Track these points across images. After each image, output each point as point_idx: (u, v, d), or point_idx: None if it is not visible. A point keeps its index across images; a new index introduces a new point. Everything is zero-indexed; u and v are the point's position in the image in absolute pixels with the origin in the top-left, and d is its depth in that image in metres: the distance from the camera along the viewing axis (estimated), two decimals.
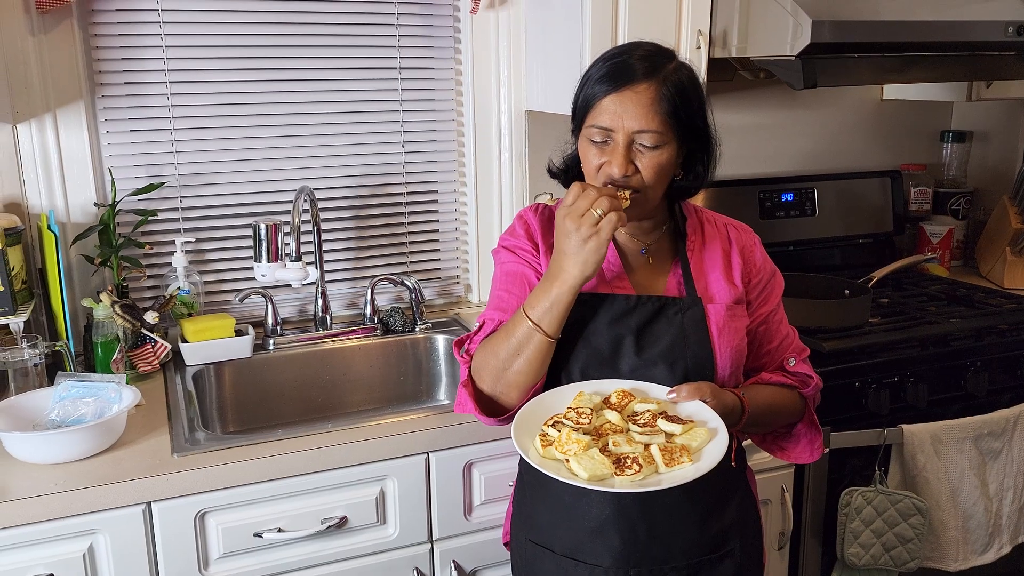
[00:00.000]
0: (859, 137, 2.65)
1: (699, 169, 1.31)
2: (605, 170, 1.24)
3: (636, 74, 1.22)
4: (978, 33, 1.93)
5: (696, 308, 1.31)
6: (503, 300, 1.36)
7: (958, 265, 2.72)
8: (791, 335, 1.44)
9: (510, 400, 1.28)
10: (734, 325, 1.32)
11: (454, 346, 1.39)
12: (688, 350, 1.29)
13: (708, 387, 1.23)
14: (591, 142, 1.26)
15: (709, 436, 1.18)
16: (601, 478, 1.11)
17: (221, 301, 2.06)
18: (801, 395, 1.41)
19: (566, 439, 1.15)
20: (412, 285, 2.10)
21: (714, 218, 1.42)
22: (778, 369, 1.41)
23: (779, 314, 1.42)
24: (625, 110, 1.21)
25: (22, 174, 1.82)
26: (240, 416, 1.91)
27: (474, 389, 1.31)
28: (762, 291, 1.39)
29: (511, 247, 1.38)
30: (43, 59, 1.78)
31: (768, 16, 1.84)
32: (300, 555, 1.51)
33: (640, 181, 1.23)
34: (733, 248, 1.38)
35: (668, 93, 1.21)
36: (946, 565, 1.96)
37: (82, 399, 1.50)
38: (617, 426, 1.19)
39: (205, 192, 1.99)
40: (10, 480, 1.36)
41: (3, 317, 1.64)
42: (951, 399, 2.01)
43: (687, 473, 1.11)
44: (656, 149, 1.22)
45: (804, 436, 1.45)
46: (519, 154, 2.20)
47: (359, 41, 2.05)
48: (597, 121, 1.24)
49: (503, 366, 1.26)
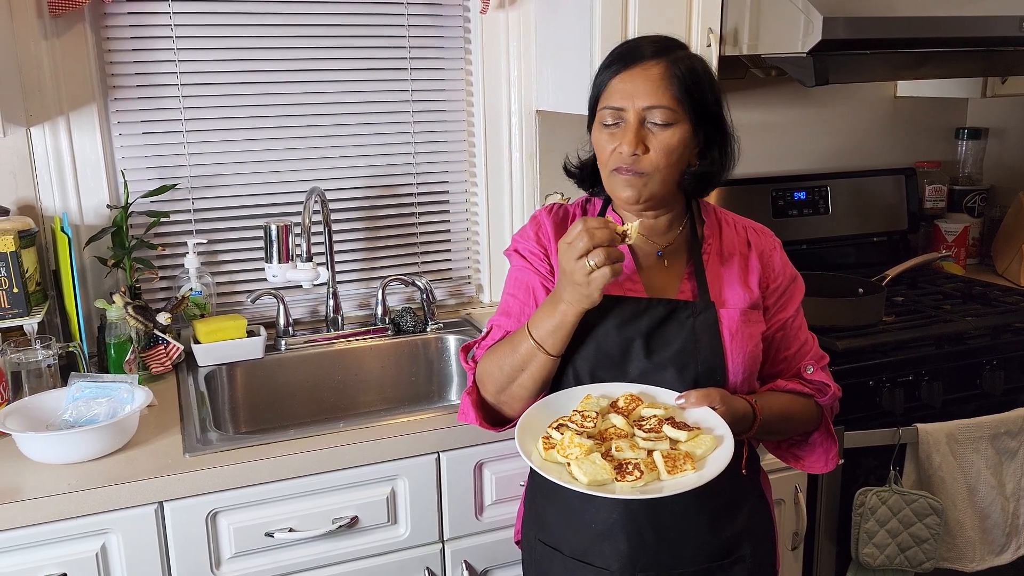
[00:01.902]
0: (873, 135, 2.63)
1: (715, 154, 1.27)
2: (616, 152, 1.22)
3: (645, 54, 1.22)
4: (992, 28, 1.91)
5: (709, 312, 1.28)
6: (510, 306, 1.36)
7: (974, 263, 2.69)
8: (810, 342, 1.40)
9: (512, 411, 1.29)
10: (748, 331, 1.29)
11: (460, 352, 1.38)
12: (699, 355, 1.26)
13: (718, 393, 1.21)
14: (603, 127, 1.24)
15: (715, 444, 1.15)
16: (601, 483, 1.09)
17: (233, 302, 2.07)
18: (817, 404, 1.38)
19: (568, 442, 1.13)
20: (423, 285, 2.10)
21: (734, 220, 1.38)
22: (795, 376, 1.38)
23: (798, 320, 1.38)
24: (635, 87, 1.20)
25: (36, 177, 1.83)
26: (252, 416, 1.92)
27: (478, 396, 1.31)
28: (780, 297, 1.35)
29: (522, 251, 1.37)
30: (56, 63, 1.80)
31: (779, 13, 1.83)
32: (311, 555, 1.51)
33: (651, 162, 1.21)
34: (752, 252, 1.34)
35: (679, 72, 1.20)
36: (963, 566, 1.94)
37: (95, 399, 1.51)
38: (622, 431, 1.18)
39: (217, 194, 2.01)
40: (24, 480, 1.37)
41: (17, 318, 1.65)
42: (967, 398, 1.99)
43: (689, 481, 1.09)
44: (667, 128, 1.20)
45: (819, 445, 1.42)
46: (529, 154, 2.19)
47: (369, 43, 2.06)
48: (608, 102, 1.23)
49: (507, 379, 1.26)
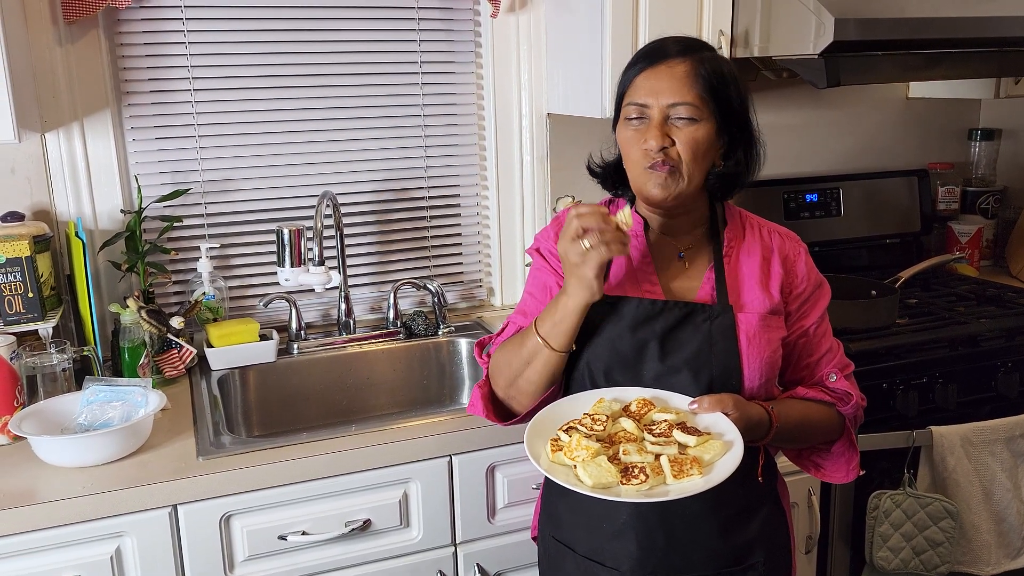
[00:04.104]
0: (885, 136, 2.62)
1: (739, 156, 1.27)
2: (644, 150, 1.21)
3: (671, 52, 1.22)
4: (1005, 29, 1.90)
5: (726, 316, 1.26)
6: (527, 304, 1.36)
7: (988, 265, 2.67)
8: (834, 349, 1.37)
9: (521, 405, 1.29)
10: (767, 336, 1.27)
11: (476, 347, 1.39)
12: (714, 359, 1.25)
13: (731, 399, 1.19)
14: (628, 123, 1.24)
15: (724, 449, 1.14)
16: (606, 486, 1.09)
17: (246, 306, 2.07)
18: (839, 413, 1.35)
19: (576, 445, 1.13)
20: (435, 289, 2.11)
21: (758, 224, 1.36)
22: (817, 384, 1.35)
23: (822, 328, 1.35)
24: (660, 84, 1.20)
25: (50, 182, 1.85)
26: (265, 420, 1.93)
27: (489, 390, 1.32)
28: (804, 303, 1.33)
29: (542, 250, 1.37)
30: (70, 69, 1.81)
31: (790, 15, 1.82)
32: (324, 558, 1.52)
33: (676, 156, 1.20)
34: (774, 256, 1.32)
35: (705, 72, 1.20)
36: (978, 570, 1.92)
37: (109, 403, 1.52)
38: (631, 434, 1.17)
39: (229, 198, 2.01)
40: (39, 483, 1.38)
41: (32, 323, 1.67)
42: (981, 400, 1.98)
43: (695, 485, 1.09)
44: (691, 123, 1.20)
45: (841, 455, 1.39)
46: (540, 157, 2.19)
47: (380, 47, 2.06)
48: (632, 98, 1.23)
49: (515, 373, 1.27)
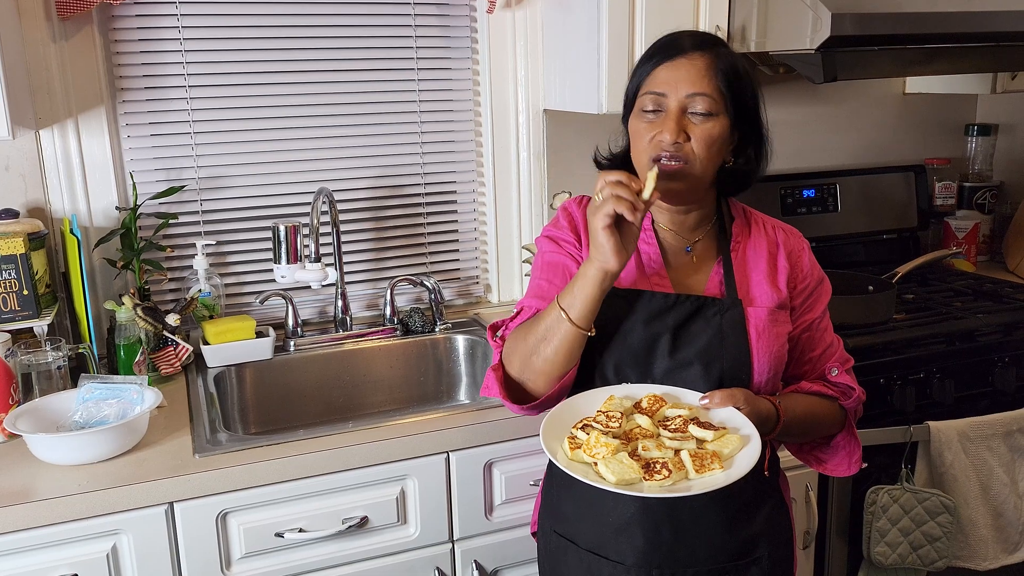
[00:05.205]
0: (882, 132, 2.62)
1: (749, 153, 1.29)
2: (656, 140, 1.22)
3: (688, 46, 1.23)
4: (1002, 23, 1.89)
5: (736, 310, 1.28)
6: (542, 289, 1.34)
7: (984, 260, 2.67)
8: (835, 344, 1.39)
9: (536, 388, 1.26)
10: (775, 330, 1.29)
11: (488, 330, 1.36)
12: (725, 352, 1.26)
13: (742, 394, 1.21)
14: (642, 113, 1.24)
15: (741, 443, 1.15)
16: (629, 483, 1.09)
17: (242, 303, 2.07)
18: (841, 407, 1.37)
19: (595, 442, 1.13)
20: (431, 286, 2.10)
21: (763, 220, 1.38)
22: (819, 379, 1.37)
23: (824, 322, 1.38)
24: (679, 75, 1.21)
25: (45, 179, 1.84)
26: (261, 417, 1.92)
27: (503, 373, 1.29)
28: (807, 298, 1.35)
29: (554, 237, 1.36)
30: (64, 65, 1.80)
31: (787, 9, 1.82)
32: (321, 555, 1.51)
33: (691, 151, 1.21)
34: (780, 252, 1.35)
35: (722, 66, 1.22)
36: (975, 564, 1.93)
37: (105, 401, 1.52)
38: (647, 431, 1.17)
39: (225, 195, 2.01)
40: (34, 481, 1.37)
41: (27, 320, 1.66)
42: (979, 395, 1.98)
43: (717, 480, 1.09)
44: (709, 118, 1.21)
45: (843, 449, 1.41)
46: (537, 153, 2.19)
47: (376, 43, 2.06)
48: (650, 88, 1.23)
49: (531, 351, 1.24)
